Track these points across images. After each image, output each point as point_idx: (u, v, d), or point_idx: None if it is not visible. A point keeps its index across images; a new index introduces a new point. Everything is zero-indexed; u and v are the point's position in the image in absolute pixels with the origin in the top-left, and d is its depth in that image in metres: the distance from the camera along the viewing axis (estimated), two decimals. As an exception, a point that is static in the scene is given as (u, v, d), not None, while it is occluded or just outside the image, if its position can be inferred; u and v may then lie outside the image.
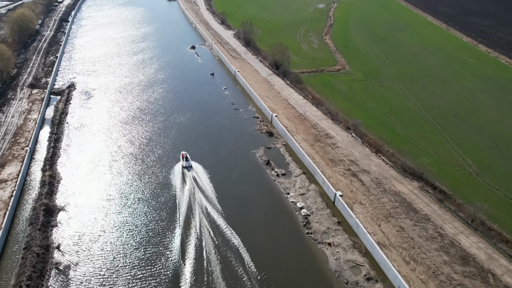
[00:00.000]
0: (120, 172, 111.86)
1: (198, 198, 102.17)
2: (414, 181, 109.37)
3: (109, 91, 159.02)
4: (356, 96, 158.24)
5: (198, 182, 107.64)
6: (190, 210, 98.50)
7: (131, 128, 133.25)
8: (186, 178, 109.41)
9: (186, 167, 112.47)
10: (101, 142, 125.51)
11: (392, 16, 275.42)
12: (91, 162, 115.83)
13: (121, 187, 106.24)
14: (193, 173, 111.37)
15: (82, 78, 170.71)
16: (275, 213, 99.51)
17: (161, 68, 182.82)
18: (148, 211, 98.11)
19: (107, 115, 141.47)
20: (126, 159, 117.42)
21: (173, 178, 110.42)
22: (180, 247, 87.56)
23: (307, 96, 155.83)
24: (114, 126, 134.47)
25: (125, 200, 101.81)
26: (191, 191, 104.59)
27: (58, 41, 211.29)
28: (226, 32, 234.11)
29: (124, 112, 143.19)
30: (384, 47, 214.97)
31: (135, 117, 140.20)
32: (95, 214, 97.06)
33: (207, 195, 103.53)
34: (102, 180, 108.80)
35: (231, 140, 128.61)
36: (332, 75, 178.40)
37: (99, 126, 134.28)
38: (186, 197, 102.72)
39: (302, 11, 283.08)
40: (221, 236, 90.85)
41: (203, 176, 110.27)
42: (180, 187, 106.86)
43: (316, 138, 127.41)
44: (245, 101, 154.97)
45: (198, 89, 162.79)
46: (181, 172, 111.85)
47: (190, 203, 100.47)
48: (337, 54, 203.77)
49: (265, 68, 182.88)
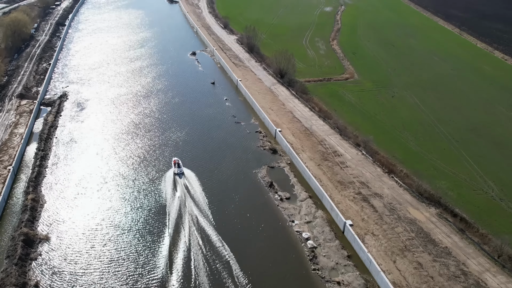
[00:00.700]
0: (110, 197, 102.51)
1: (196, 228, 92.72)
2: (431, 207, 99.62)
3: (103, 102, 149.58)
4: (366, 108, 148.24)
5: (195, 212, 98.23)
6: (187, 251, 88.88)
7: (124, 145, 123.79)
8: (177, 186, 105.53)
9: (177, 174, 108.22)
10: (91, 161, 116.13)
11: (402, 20, 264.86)
12: (78, 184, 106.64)
13: (110, 215, 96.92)
14: (186, 181, 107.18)
15: (75, 87, 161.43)
16: (277, 245, 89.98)
17: (159, 76, 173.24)
18: (138, 244, 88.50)
19: (99, 129, 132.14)
20: (117, 181, 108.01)
21: (164, 186, 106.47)
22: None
23: (313, 108, 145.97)
24: (105, 142, 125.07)
25: (114, 230, 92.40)
26: (188, 216, 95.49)
27: (52, 47, 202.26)
28: (229, 37, 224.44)
29: (117, 126, 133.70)
30: (395, 53, 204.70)
31: (129, 132, 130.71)
32: (79, 246, 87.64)
33: (204, 221, 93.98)
34: (90, 205, 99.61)
35: (232, 158, 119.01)
36: (340, 85, 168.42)
37: (90, 142, 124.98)
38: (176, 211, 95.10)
39: (308, 15, 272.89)
40: (218, 278, 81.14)
41: (200, 203, 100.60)
42: (171, 194, 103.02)
43: (324, 156, 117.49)
44: (248, 113, 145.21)
45: (197, 100, 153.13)
46: (173, 180, 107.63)
47: (186, 231, 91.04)
48: (345, 61, 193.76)
49: (269, 76, 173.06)
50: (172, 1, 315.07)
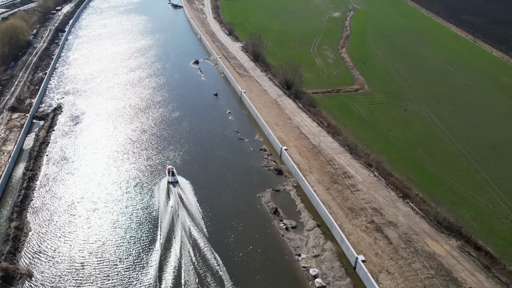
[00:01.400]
0: (100, 226, 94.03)
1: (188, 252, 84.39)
2: (452, 238, 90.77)
3: (99, 116, 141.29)
4: (377, 123, 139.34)
5: (191, 234, 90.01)
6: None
7: (118, 165, 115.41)
8: (171, 195, 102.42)
9: (171, 183, 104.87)
10: (82, 183, 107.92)
11: (413, 27, 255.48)
12: (67, 210, 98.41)
13: (99, 247, 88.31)
14: (180, 190, 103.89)
15: (71, 99, 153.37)
16: (282, 282, 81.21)
17: (159, 87, 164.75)
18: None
19: (92, 147, 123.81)
20: (108, 207, 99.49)
21: (157, 194, 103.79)
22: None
23: (321, 123, 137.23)
24: (99, 162, 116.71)
25: (101, 266, 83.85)
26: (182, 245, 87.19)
27: (50, 55, 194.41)
28: (234, 44, 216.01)
29: (112, 144, 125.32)
30: (406, 62, 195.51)
31: (124, 150, 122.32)
32: (64, 284, 79.11)
33: (202, 261, 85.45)
34: (78, 236, 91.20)
35: (234, 180, 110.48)
36: (349, 96, 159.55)
37: (82, 161, 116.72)
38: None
39: (316, 20, 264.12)
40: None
41: (199, 232, 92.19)
42: (164, 203, 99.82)
43: (333, 179, 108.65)
44: (252, 128, 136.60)
45: (199, 114, 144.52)
46: (167, 189, 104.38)
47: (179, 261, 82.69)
48: (355, 70, 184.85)
49: (274, 87, 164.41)
50: (176, 6, 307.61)
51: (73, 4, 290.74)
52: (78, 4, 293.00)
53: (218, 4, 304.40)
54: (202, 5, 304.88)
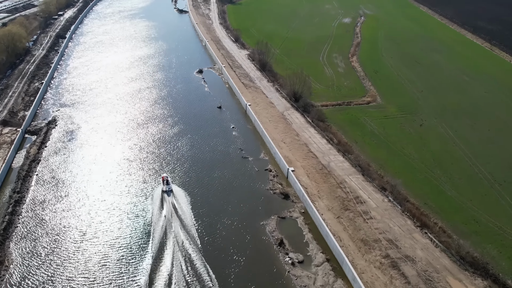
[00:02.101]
0: (86, 260, 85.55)
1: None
2: (477, 278, 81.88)
3: (95, 131, 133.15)
4: (391, 140, 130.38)
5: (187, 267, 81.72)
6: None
7: (111, 189, 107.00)
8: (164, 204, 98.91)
9: (166, 192, 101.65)
10: (71, 209, 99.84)
11: (426, 33, 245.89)
12: (54, 240, 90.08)
13: (84, 284, 79.85)
14: (175, 200, 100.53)
15: (67, 111, 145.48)
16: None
17: (160, 99, 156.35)
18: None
19: (85, 166, 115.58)
20: (97, 239, 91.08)
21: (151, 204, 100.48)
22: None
23: (331, 140, 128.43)
24: (91, 185, 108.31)
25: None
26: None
27: (48, 63, 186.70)
28: (240, 52, 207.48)
29: (107, 163, 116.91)
30: (420, 72, 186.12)
31: (119, 171, 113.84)
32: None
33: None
34: (62, 271, 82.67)
35: (236, 204, 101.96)
36: (361, 110, 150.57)
37: (74, 183, 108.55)
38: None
39: (326, 26, 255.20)
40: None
41: (198, 267, 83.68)
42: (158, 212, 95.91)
43: (344, 205, 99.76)
44: (257, 146, 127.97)
45: (201, 129, 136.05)
46: (161, 198, 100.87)
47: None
48: (366, 81, 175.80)
49: (282, 99, 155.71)
50: (181, 11, 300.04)
51: (76, 9, 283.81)
52: (81, 9, 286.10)
53: (224, 9, 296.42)
54: (208, 10, 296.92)
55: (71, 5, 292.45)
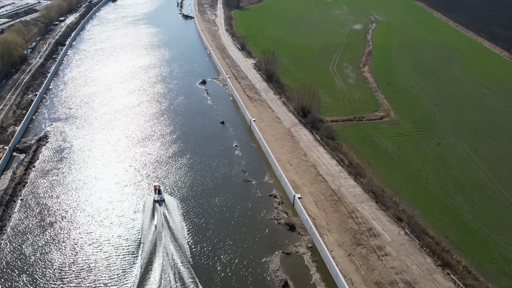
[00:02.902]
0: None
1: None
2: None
3: (87, 150, 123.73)
4: (406, 160, 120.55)
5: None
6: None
7: (101, 219, 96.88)
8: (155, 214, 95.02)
9: (157, 201, 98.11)
10: (55, 241, 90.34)
11: (441, 41, 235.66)
12: (30, 282, 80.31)
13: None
14: (167, 211, 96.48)
15: (60, 127, 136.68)
16: None
17: (160, 114, 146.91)
18: None
19: (73, 192, 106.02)
20: (80, 279, 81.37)
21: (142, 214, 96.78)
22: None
23: (342, 161, 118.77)
24: (79, 214, 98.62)
25: None
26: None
27: (45, 72, 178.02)
28: (246, 61, 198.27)
29: (96, 189, 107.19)
30: (436, 83, 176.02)
31: (109, 198, 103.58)
32: None
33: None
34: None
35: (236, 237, 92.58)
36: (373, 126, 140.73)
37: (60, 212, 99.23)
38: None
39: (336, 33, 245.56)
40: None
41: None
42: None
43: (355, 239, 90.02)
44: (261, 167, 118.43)
45: (202, 147, 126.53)
46: (152, 208, 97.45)
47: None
48: (379, 93, 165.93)
49: (289, 114, 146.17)
50: (187, 17, 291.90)
51: (78, 14, 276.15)
52: (84, 14, 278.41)
53: (231, 15, 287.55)
54: (214, 15, 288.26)
55: (74, 10, 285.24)
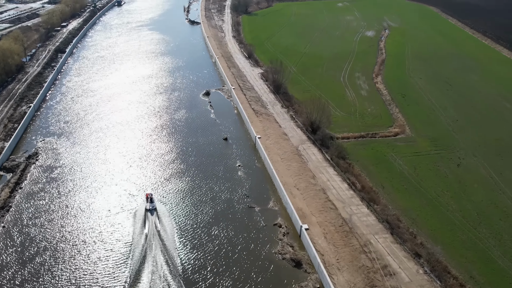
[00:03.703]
0: None
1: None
2: None
3: (78, 171, 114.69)
4: (423, 184, 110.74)
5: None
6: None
7: (88, 251, 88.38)
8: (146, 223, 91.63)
9: (149, 210, 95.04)
10: (37, 275, 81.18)
11: (457, 49, 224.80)
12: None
13: None
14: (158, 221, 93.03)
15: (52, 143, 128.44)
16: None
17: (159, 129, 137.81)
18: None
19: (59, 219, 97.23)
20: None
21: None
22: None
23: (353, 185, 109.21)
24: (65, 246, 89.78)
25: None
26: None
27: (42, 82, 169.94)
28: (252, 70, 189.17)
29: (85, 217, 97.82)
30: (453, 96, 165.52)
31: (98, 230, 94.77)
32: None
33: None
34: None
35: (236, 273, 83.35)
36: (388, 144, 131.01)
37: (45, 242, 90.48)
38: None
39: (347, 40, 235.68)
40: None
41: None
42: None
43: (369, 279, 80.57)
44: (266, 191, 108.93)
45: (202, 168, 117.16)
46: (143, 217, 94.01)
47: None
48: (393, 106, 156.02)
49: (297, 130, 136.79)
50: (193, 22, 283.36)
51: (82, 19, 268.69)
52: (87, 19, 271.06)
53: (239, 20, 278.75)
54: (222, 21, 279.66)
55: (77, 15, 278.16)
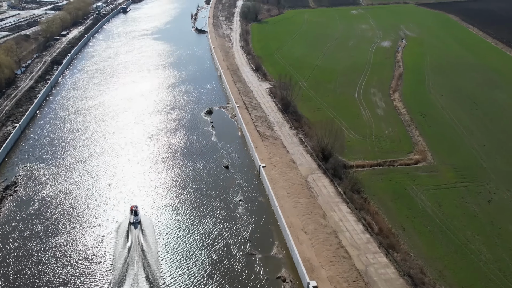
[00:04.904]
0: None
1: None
2: None
3: (58, 206, 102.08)
4: (450, 225, 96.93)
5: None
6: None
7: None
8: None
9: (133, 223, 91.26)
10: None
11: (480, 61, 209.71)
12: None
13: None
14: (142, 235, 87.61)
15: (35, 170, 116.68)
16: None
17: (154, 156, 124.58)
18: None
19: (34, 268, 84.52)
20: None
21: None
22: None
23: (370, 226, 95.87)
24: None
25: None
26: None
27: (32, 98, 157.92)
28: (260, 85, 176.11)
29: (62, 268, 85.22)
30: (479, 116, 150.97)
31: (76, 284, 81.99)
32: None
33: None
34: None
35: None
36: (407, 174, 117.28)
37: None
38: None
39: (362, 51, 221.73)
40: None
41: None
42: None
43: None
44: (269, 233, 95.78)
45: (199, 205, 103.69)
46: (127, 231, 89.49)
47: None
48: (412, 128, 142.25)
49: (306, 156, 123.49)
50: (200, 31, 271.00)
51: (83, 27, 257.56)
52: (89, 27, 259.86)
53: (248, 29, 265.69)
54: (230, 29, 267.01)
55: (79, 23, 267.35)
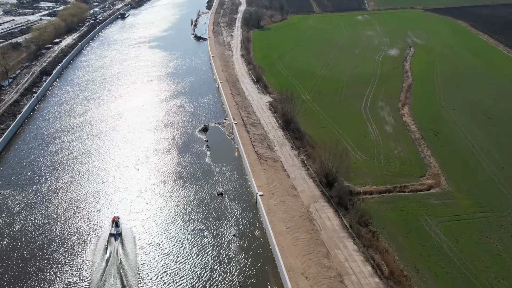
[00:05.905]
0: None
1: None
2: None
3: (32, 244, 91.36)
4: (469, 266, 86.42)
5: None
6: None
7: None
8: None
9: (113, 235, 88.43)
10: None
11: (493, 71, 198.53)
12: None
13: None
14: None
15: (9, 198, 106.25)
16: None
17: (141, 183, 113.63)
18: None
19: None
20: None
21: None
22: None
23: (379, 267, 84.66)
24: None
25: None
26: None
27: (15, 113, 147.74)
28: (260, 98, 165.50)
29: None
30: (495, 133, 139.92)
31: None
32: None
33: None
34: None
35: None
36: (420, 202, 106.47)
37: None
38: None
39: (368, 60, 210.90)
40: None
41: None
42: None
43: None
44: (265, 277, 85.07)
45: (187, 243, 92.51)
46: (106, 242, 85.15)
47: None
48: (424, 147, 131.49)
49: (308, 182, 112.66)
50: (199, 38, 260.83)
51: (78, 35, 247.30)
52: (84, 34, 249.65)
53: (249, 36, 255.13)
54: (231, 36, 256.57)
55: (74, 30, 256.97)
